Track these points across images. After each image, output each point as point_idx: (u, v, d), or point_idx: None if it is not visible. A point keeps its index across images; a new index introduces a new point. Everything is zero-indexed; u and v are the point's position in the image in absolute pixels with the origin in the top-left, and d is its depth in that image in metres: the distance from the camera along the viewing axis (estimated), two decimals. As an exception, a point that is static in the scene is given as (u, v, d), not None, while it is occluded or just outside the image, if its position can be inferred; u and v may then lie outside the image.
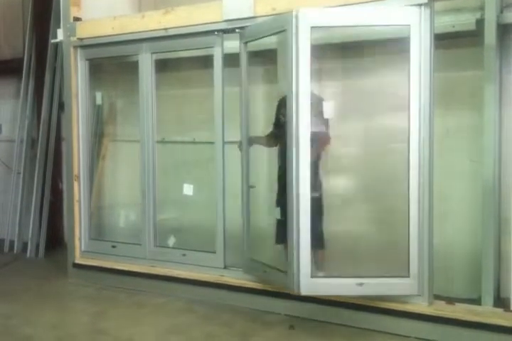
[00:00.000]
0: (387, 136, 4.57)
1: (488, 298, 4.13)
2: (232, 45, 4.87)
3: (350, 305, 4.27)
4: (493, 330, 3.79)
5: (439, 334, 3.96)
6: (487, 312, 3.99)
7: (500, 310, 4.03)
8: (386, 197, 4.58)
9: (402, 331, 4.08)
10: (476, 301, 4.22)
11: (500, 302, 4.26)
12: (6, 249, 7.06)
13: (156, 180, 5.37)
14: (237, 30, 4.71)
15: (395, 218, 4.38)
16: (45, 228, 6.86)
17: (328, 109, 4.40)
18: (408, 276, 4.07)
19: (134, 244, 5.50)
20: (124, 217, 6.32)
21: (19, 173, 7.17)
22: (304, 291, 4.17)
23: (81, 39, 5.52)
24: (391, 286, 4.10)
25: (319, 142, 4.56)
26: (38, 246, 6.83)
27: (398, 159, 4.21)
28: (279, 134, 4.69)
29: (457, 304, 4.12)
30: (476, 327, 3.85)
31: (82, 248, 5.72)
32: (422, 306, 4.07)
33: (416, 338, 4.02)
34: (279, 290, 4.55)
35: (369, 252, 4.61)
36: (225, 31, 4.80)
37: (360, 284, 4.08)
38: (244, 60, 4.75)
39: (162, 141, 5.76)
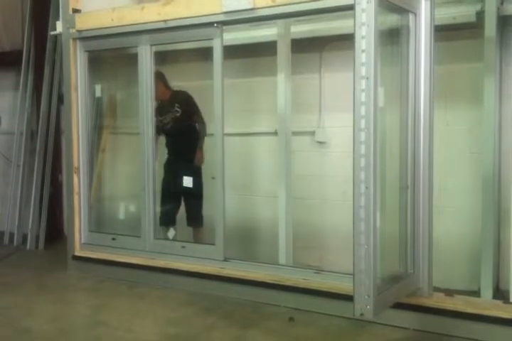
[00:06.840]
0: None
1: (488, 290, 4.13)
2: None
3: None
4: (492, 322, 3.78)
5: (438, 326, 3.96)
6: (486, 304, 3.99)
7: (499, 302, 4.03)
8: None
9: (400, 323, 4.07)
10: (476, 293, 4.22)
11: (499, 294, 4.27)
12: (6, 241, 7.08)
13: (155, 173, 5.36)
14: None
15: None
16: (44, 220, 6.87)
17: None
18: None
19: (133, 236, 5.50)
20: (123, 209, 6.32)
21: (19, 166, 7.16)
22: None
23: (80, 31, 5.49)
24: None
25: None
26: (37, 238, 6.84)
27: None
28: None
29: (456, 296, 4.12)
30: (475, 319, 3.84)
31: (82, 240, 5.72)
32: (421, 298, 4.06)
33: (415, 330, 4.02)
34: (279, 282, 4.56)
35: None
36: (224, 23, 4.78)
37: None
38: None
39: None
